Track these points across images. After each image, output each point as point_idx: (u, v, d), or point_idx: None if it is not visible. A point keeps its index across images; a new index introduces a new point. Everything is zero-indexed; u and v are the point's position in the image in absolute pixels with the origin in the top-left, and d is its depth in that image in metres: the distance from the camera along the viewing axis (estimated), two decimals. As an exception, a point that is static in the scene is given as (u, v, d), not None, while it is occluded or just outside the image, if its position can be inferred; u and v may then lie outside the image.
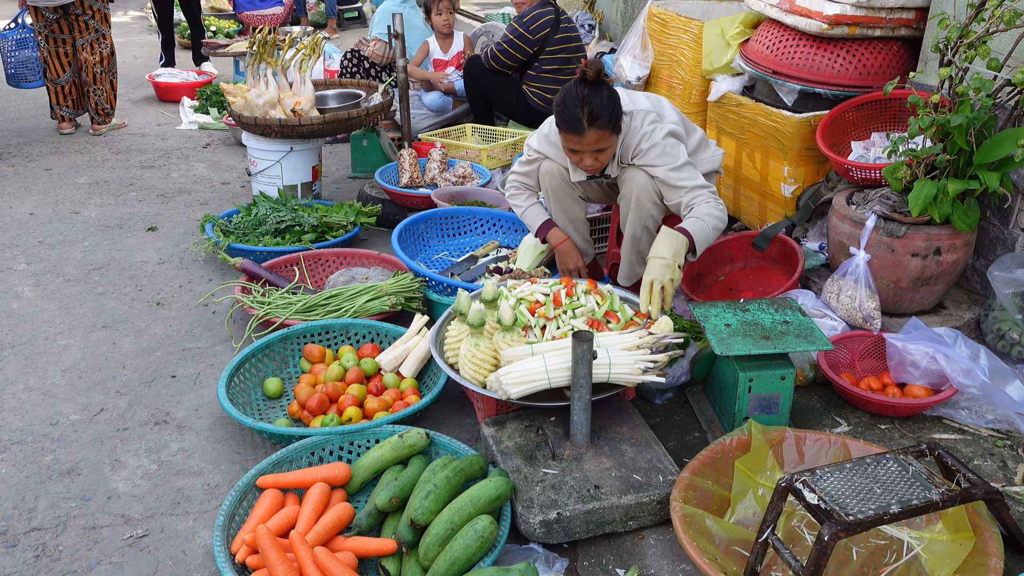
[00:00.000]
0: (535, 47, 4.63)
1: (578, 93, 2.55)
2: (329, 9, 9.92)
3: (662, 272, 2.45)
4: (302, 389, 2.60)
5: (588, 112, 2.53)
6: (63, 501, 2.24)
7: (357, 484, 2.21)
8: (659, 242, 2.51)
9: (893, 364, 2.58)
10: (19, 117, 6.35)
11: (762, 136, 3.35)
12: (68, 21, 5.46)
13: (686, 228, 2.55)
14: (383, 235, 3.98)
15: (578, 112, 2.54)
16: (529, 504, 2.03)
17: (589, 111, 2.53)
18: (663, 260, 2.46)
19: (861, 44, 3.12)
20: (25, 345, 3.04)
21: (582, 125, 2.55)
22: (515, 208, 3.10)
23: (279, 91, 4.03)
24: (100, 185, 4.81)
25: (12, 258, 3.79)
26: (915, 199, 2.58)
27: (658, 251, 2.49)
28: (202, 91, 6.45)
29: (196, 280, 3.57)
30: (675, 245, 2.49)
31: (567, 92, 2.58)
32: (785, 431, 2.22)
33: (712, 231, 2.59)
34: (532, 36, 4.59)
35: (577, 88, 2.56)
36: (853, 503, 1.75)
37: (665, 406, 2.63)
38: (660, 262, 2.47)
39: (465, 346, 2.35)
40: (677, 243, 2.50)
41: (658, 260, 2.47)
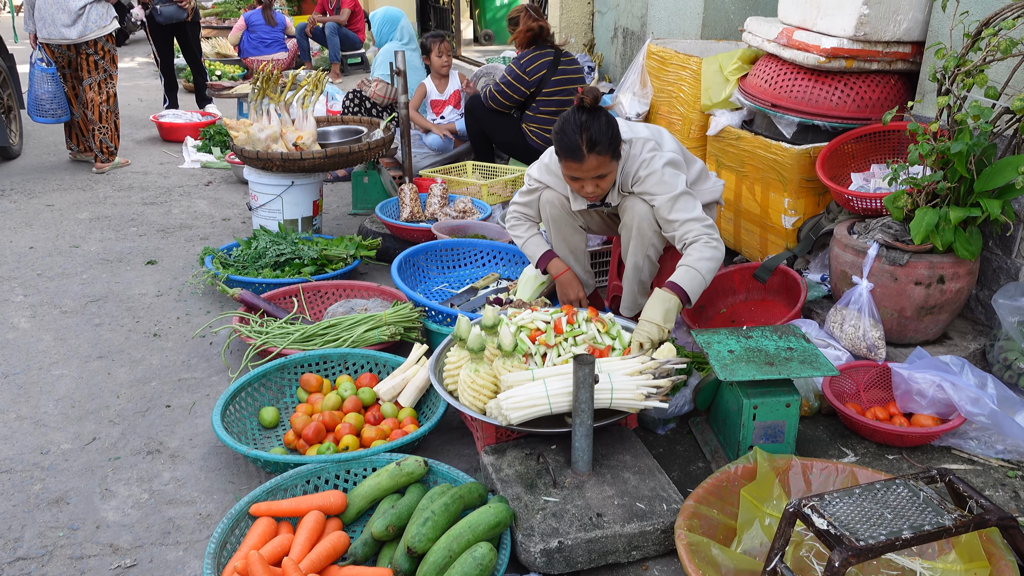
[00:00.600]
0: (532, 88, 4.68)
1: (576, 120, 2.56)
2: (333, 54, 10.09)
3: (650, 335, 2.44)
4: (298, 418, 2.56)
5: (587, 138, 2.54)
6: (50, 530, 2.18)
7: (353, 513, 2.15)
8: (651, 304, 2.50)
9: (899, 393, 2.54)
10: (23, 156, 6.40)
11: (762, 169, 3.36)
12: (77, 60, 5.59)
13: (677, 284, 2.53)
14: (383, 269, 3.97)
15: (577, 139, 2.55)
16: (530, 532, 1.97)
17: (588, 137, 2.54)
18: (654, 324, 2.45)
19: (859, 77, 3.15)
20: (19, 375, 3.00)
21: (581, 151, 2.55)
22: (515, 239, 3.09)
23: (281, 126, 4.06)
24: (101, 220, 4.82)
25: (10, 290, 3.77)
26: (917, 227, 2.57)
27: (649, 314, 2.48)
28: (205, 131, 6.52)
29: (194, 312, 3.54)
30: (667, 307, 2.48)
31: (565, 120, 2.59)
32: (791, 459, 2.17)
33: (707, 274, 2.56)
34: (529, 77, 4.65)
35: (575, 115, 2.57)
36: (864, 529, 1.70)
37: (668, 436, 2.58)
38: (650, 326, 2.46)
39: (464, 372, 2.32)
40: (669, 305, 2.49)
41: (647, 324, 2.46)
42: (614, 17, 6.03)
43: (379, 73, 5.79)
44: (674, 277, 2.55)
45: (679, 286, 2.53)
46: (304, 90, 4.20)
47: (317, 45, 10.77)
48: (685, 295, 2.52)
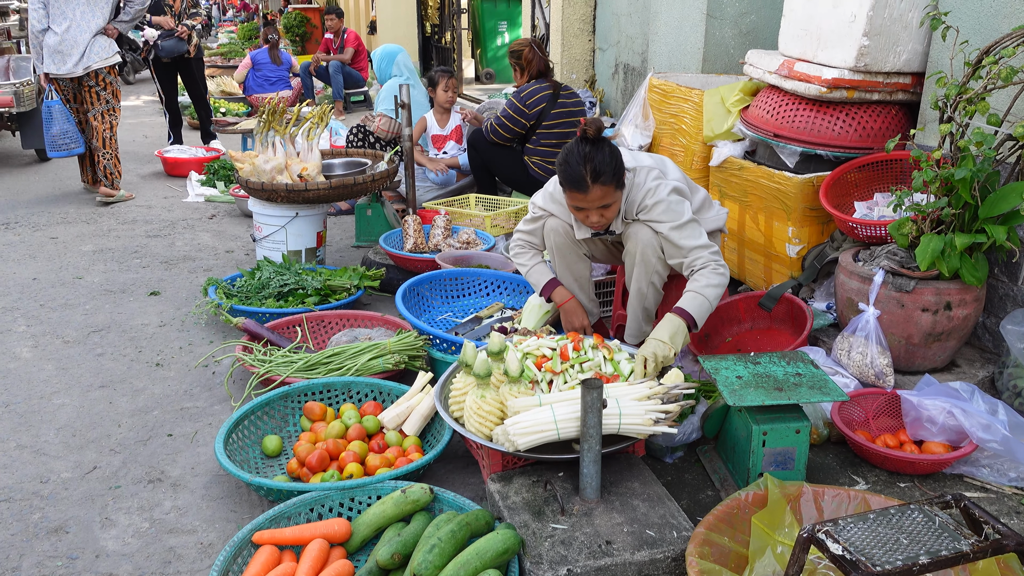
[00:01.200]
0: (532, 120, 4.73)
1: (580, 151, 2.57)
2: (336, 92, 10.22)
3: (656, 350, 2.46)
4: (302, 446, 2.53)
5: (591, 169, 2.55)
6: (49, 559, 2.14)
7: (358, 542, 2.12)
8: (660, 327, 2.55)
9: (909, 420, 2.51)
10: (26, 190, 6.44)
11: (765, 198, 3.38)
12: (82, 93, 5.82)
13: (684, 309, 2.57)
14: (386, 300, 3.96)
15: (581, 170, 2.56)
16: (538, 560, 1.93)
17: (592, 168, 2.55)
18: (660, 342, 2.48)
19: (860, 107, 3.18)
20: (19, 404, 2.97)
21: (585, 182, 2.56)
22: (520, 267, 3.09)
23: (286, 158, 4.09)
24: (104, 252, 4.82)
25: (12, 320, 3.76)
26: (923, 253, 2.57)
27: (658, 334, 2.52)
28: (209, 166, 6.56)
29: (197, 342, 3.53)
30: (674, 329, 2.52)
31: (569, 151, 2.61)
32: (803, 486, 2.14)
33: (713, 300, 2.60)
34: (529, 110, 4.70)
35: (579, 147, 2.59)
36: (880, 554, 1.67)
37: (676, 464, 2.55)
38: (656, 342, 2.48)
39: (471, 398, 2.30)
40: (676, 328, 2.53)
41: (655, 341, 2.49)
42: (615, 53, 6.12)
43: (383, 108, 5.85)
44: (681, 303, 2.57)
45: (686, 311, 2.55)
46: (309, 123, 4.24)
47: (321, 83, 10.92)
48: (692, 320, 2.54)
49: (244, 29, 18.19)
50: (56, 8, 5.53)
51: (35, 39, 5.63)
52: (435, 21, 12.03)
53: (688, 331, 2.55)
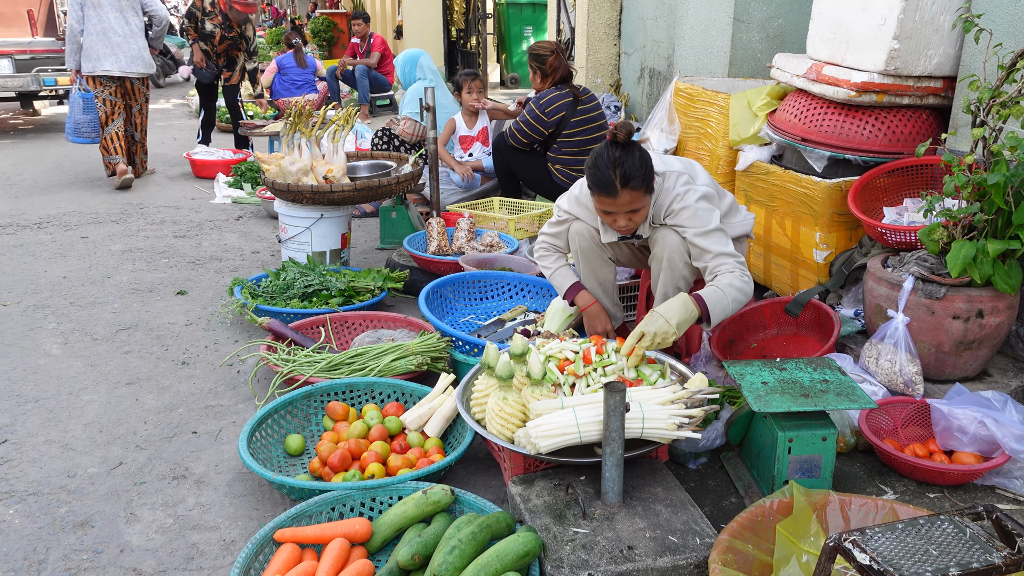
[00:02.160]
0: (551, 128, 4.71)
1: (609, 155, 2.55)
2: (362, 96, 10.29)
3: (656, 329, 2.40)
4: (324, 446, 2.53)
5: (620, 174, 2.53)
6: (75, 553, 2.16)
7: (378, 542, 2.12)
8: (672, 303, 2.49)
9: (939, 430, 2.46)
10: (60, 190, 6.54)
11: (792, 203, 3.34)
12: (123, 87, 6.57)
13: (702, 297, 2.51)
14: (410, 302, 3.97)
15: (610, 174, 2.54)
16: (559, 564, 1.92)
17: (622, 173, 2.53)
18: (666, 322, 2.42)
19: (890, 112, 3.14)
20: (49, 400, 3.02)
21: (615, 187, 2.55)
22: (544, 270, 3.08)
23: (312, 160, 4.12)
24: (133, 252, 4.89)
25: (43, 317, 3.82)
26: (954, 259, 2.53)
27: (666, 311, 2.45)
28: (237, 167, 6.63)
29: (222, 341, 3.56)
30: (684, 314, 2.46)
31: (598, 155, 2.59)
32: (829, 494, 2.11)
33: (732, 303, 2.54)
34: (547, 118, 4.68)
35: (608, 150, 2.57)
36: (908, 565, 1.64)
37: (699, 471, 2.53)
38: (662, 321, 2.42)
39: (493, 400, 2.29)
40: (686, 312, 2.46)
41: (660, 318, 2.43)
42: (640, 58, 6.10)
43: (408, 111, 5.87)
44: (701, 292, 2.52)
45: (703, 300, 2.50)
46: (335, 125, 4.27)
47: (347, 87, 11.00)
48: (706, 311, 2.49)
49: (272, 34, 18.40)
50: (91, 11, 6.13)
51: (72, 37, 6.21)
52: (461, 26, 12.07)
53: (699, 322, 2.50)
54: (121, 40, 6.25)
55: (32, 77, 9.03)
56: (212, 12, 7.28)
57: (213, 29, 7.31)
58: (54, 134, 9.48)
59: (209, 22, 7.28)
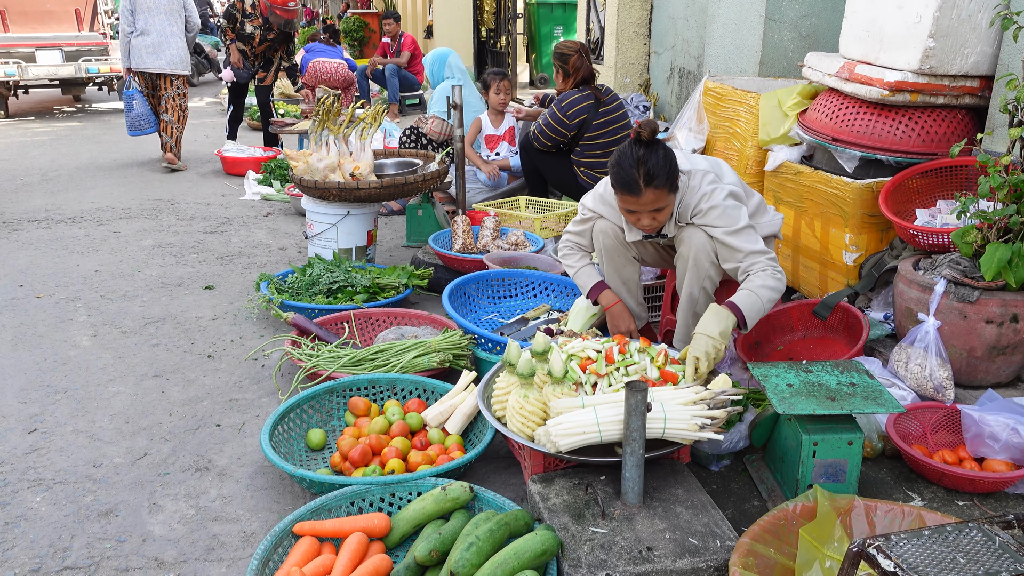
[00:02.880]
0: (573, 131, 4.68)
1: (633, 154, 2.53)
2: (392, 95, 10.34)
3: (706, 349, 2.38)
4: (345, 441, 2.54)
5: (644, 172, 2.50)
6: (99, 541, 2.19)
7: (397, 537, 2.12)
8: (707, 318, 2.45)
9: (970, 436, 2.41)
10: (94, 188, 6.66)
11: (822, 204, 3.29)
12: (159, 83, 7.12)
13: (736, 304, 2.48)
14: (434, 300, 3.98)
15: (634, 173, 2.51)
16: (576, 563, 1.90)
17: (645, 171, 2.50)
18: (710, 338, 2.40)
19: (924, 112, 3.08)
20: (78, 390, 3.06)
21: (638, 185, 2.52)
22: (567, 268, 3.06)
23: (339, 156, 4.15)
24: (163, 247, 4.96)
25: (74, 310, 3.89)
26: (988, 262, 2.47)
27: (705, 328, 2.43)
28: (266, 165, 6.70)
29: (248, 336, 3.59)
30: (723, 323, 2.43)
31: (622, 153, 2.57)
32: (854, 499, 2.07)
33: (767, 303, 2.51)
34: (569, 121, 4.65)
35: (632, 149, 2.54)
36: (934, 572, 1.60)
37: (722, 473, 2.49)
38: (706, 339, 2.40)
39: (513, 397, 2.28)
40: (725, 321, 2.43)
41: (704, 337, 2.41)
42: (670, 57, 6.05)
43: (435, 110, 5.89)
44: (734, 298, 2.49)
45: (738, 307, 2.46)
46: (363, 123, 4.29)
47: (377, 86, 11.06)
48: (742, 317, 2.46)
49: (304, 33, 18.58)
50: (141, 16, 6.83)
51: (124, 39, 6.91)
52: (491, 26, 12.09)
53: (736, 329, 2.48)
54: (164, 41, 6.89)
55: (77, 66, 10.68)
56: (252, 14, 7.34)
57: (253, 31, 7.40)
58: (91, 132, 9.66)
59: (249, 24, 7.36)
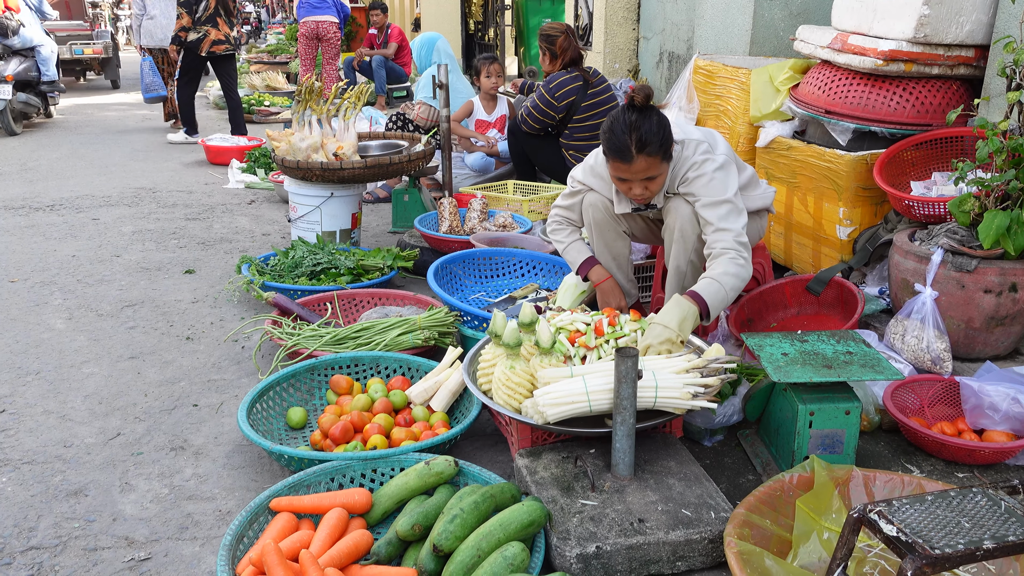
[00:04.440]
0: (561, 113, 4.61)
1: (626, 119, 2.44)
2: (379, 87, 10.23)
3: (660, 339, 2.23)
4: (326, 418, 2.46)
5: (637, 139, 2.42)
6: (66, 521, 2.09)
7: (379, 514, 2.03)
8: (666, 308, 2.32)
9: (969, 408, 2.34)
10: (74, 176, 6.54)
11: (815, 178, 3.22)
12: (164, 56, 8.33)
13: (698, 293, 2.34)
14: (420, 283, 3.89)
15: (626, 139, 2.43)
16: (565, 536, 1.82)
17: (638, 137, 2.42)
18: (665, 328, 2.25)
19: (918, 82, 3.02)
20: (50, 372, 2.96)
21: (630, 152, 2.44)
22: (556, 245, 2.98)
23: (323, 137, 4.05)
24: (143, 233, 4.85)
25: (49, 294, 3.78)
26: (986, 230, 2.41)
27: (663, 317, 2.28)
28: (250, 154, 6.59)
29: (228, 318, 3.49)
30: (683, 314, 2.27)
31: (614, 118, 2.49)
32: (852, 469, 2.00)
33: (731, 291, 2.38)
34: (557, 103, 4.58)
35: (625, 114, 2.46)
36: (938, 537, 1.52)
37: (715, 448, 2.42)
38: (661, 329, 2.25)
39: (499, 369, 2.20)
40: (685, 312, 2.28)
41: (659, 327, 2.26)
42: (659, 42, 5.98)
43: (422, 96, 5.80)
44: (696, 287, 2.37)
45: (700, 296, 2.33)
46: (347, 103, 4.20)
47: (364, 78, 10.95)
48: (705, 307, 2.32)
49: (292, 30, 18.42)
50: (150, 3, 8.23)
51: (137, 21, 8.39)
52: (479, 18, 12.00)
53: (700, 319, 2.34)
54: (170, 23, 8.03)
55: (67, 47, 12.46)
56: None
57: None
58: (72, 124, 9.51)
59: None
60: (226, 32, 7.38)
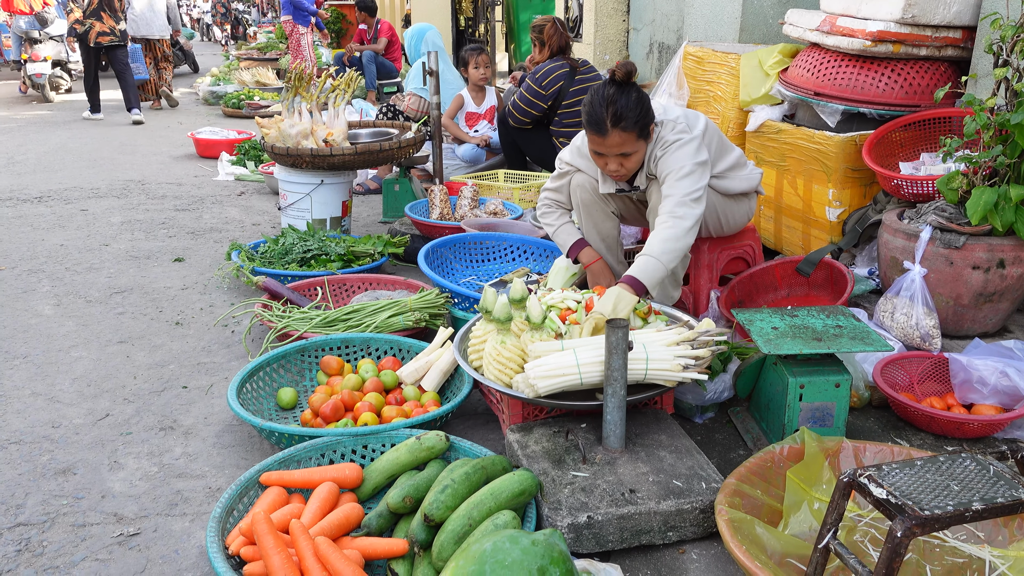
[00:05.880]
0: (549, 101, 4.63)
1: (604, 93, 2.45)
2: (369, 82, 10.20)
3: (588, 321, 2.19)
4: (316, 397, 2.45)
5: (612, 112, 2.42)
6: (54, 498, 2.08)
7: (369, 489, 2.02)
8: (604, 298, 2.28)
9: (958, 382, 2.35)
10: (63, 169, 6.50)
11: (804, 161, 3.23)
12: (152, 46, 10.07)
13: (633, 276, 2.32)
14: (410, 270, 3.88)
15: (602, 112, 2.43)
16: (556, 506, 1.82)
17: (614, 111, 2.42)
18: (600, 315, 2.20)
19: (906, 63, 3.03)
20: (38, 356, 2.94)
21: (605, 126, 2.44)
22: (546, 228, 2.98)
23: (312, 123, 4.04)
24: (132, 223, 4.82)
25: (37, 281, 3.75)
26: (974, 206, 2.42)
27: (600, 306, 2.25)
28: (240, 147, 6.57)
29: (218, 304, 3.48)
30: (615, 300, 2.24)
31: (594, 92, 2.49)
32: (842, 441, 2.01)
33: (671, 256, 2.35)
34: (545, 91, 4.60)
35: (604, 88, 2.46)
36: (928, 499, 1.53)
37: (706, 425, 2.42)
38: (596, 316, 2.20)
39: (490, 344, 2.20)
40: (618, 299, 2.24)
41: (596, 313, 2.22)
42: (649, 33, 5.99)
43: (412, 87, 5.79)
44: (631, 270, 2.35)
45: (635, 279, 2.32)
46: (337, 90, 4.19)
47: (354, 74, 10.92)
48: (641, 286, 2.31)
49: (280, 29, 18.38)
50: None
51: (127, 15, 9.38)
52: (469, 14, 11.98)
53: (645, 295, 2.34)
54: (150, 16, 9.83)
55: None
56: None
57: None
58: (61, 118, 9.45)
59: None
60: (111, 25, 8.67)
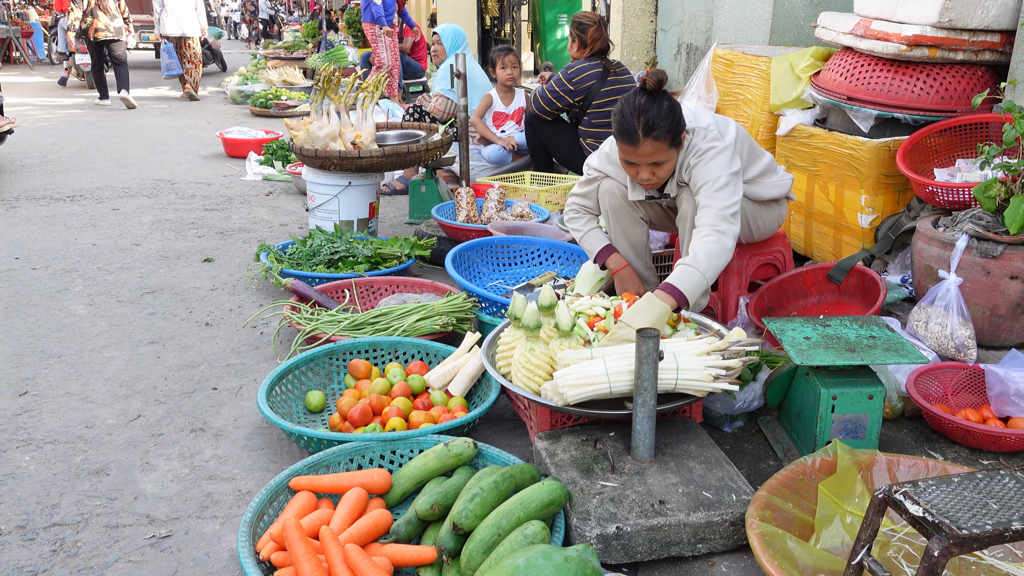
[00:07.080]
0: (577, 98, 4.62)
1: (635, 103, 2.43)
2: (395, 82, 10.23)
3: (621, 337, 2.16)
4: (344, 401, 2.46)
5: (644, 122, 2.40)
6: (88, 499, 2.11)
7: (398, 494, 2.03)
8: (636, 306, 2.24)
9: (994, 395, 2.31)
10: (95, 168, 6.59)
11: (836, 166, 3.19)
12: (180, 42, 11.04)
13: (673, 285, 2.29)
14: (437, 272, 3.89)
15: (633, 122, 2.42)
16: (585, 516, 1.82)
17: (645, 121, 2.40)
18: (630, 329, 2.16)
19: (942, 68, 2.98)
20: (71, 356, 2.99)
21: (637, 135, 2.42)
22: (574, 233, 2.97)
23: (341, 126, 4.06)
24: (163, 223, 4.88)
25: (70, 281, 3.81)
26: (1013, 215, 2.37)
27: (631, 316, 2.19)
28: (268, 146, 6.62)
29: (247, 305, 3.51)
30: (651, 312, 2.19)
31: (625, 101, 2.48)
32: (875, 454, 1.98)
33: (711, 271, 2.32)
34: (574, 88, 4.59)
35: (635, 97, 2.45)
36: (965, 517, 1.50)
37: (735, 434, 2.40)
38: (627, 331, 2.16)
39: (519, 351, 2.19)
40: (653, 310, 2.20)
41: (626, 327, 2.18)
42: (677, 34, 5.95)
43: (439, 88, 5.80)
44: (671, 278, 2.32)
45: (676, 288, 2.29)
46: (364, 92, 4.21)
47: (380, 73, 10.97)
48: (683, 297, 2.28)
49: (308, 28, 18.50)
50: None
51: (156, 15, 10.85)
52: (495, 14, 11.99)
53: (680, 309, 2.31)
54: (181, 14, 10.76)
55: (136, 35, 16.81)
56: None
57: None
58: (92, 118, 9.59)
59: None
60: (106, 23, 9.88)
